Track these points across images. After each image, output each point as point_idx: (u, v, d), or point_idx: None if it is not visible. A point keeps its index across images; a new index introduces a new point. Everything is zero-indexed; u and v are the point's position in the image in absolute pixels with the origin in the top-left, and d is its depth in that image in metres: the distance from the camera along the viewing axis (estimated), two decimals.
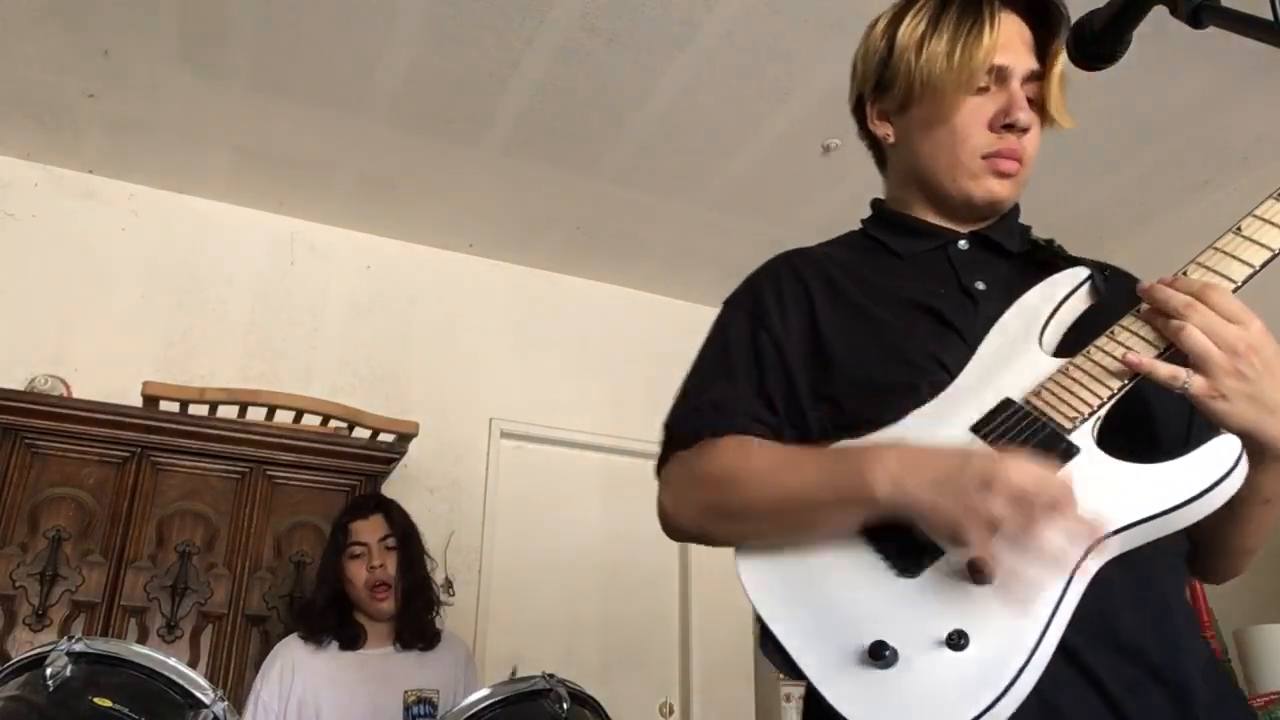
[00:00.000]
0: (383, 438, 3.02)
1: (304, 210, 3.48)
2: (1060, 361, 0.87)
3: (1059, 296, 0.93)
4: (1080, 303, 0.94)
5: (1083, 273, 0.95)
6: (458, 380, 3.59)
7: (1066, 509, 0.73)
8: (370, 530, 2.37)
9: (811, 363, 0.98)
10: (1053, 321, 0.92)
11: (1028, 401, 0.85)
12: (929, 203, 1.07)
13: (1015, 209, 1.08)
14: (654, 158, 3.12)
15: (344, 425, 3.01)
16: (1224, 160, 3.04)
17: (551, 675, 1.81)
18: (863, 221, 1.15)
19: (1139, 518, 0.76)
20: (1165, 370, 0.80)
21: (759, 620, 0.86)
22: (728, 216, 3.44)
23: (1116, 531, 0.76)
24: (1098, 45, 0.89)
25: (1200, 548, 0.94)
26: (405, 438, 3.04)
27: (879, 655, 0.75)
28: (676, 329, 4.03)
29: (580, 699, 1.82)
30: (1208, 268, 0.84)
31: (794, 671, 0.83)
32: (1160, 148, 3.01)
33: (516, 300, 3.81)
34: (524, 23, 2.54)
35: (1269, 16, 0.72)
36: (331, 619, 2.29)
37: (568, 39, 2.60)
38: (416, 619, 2.34)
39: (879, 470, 0.81)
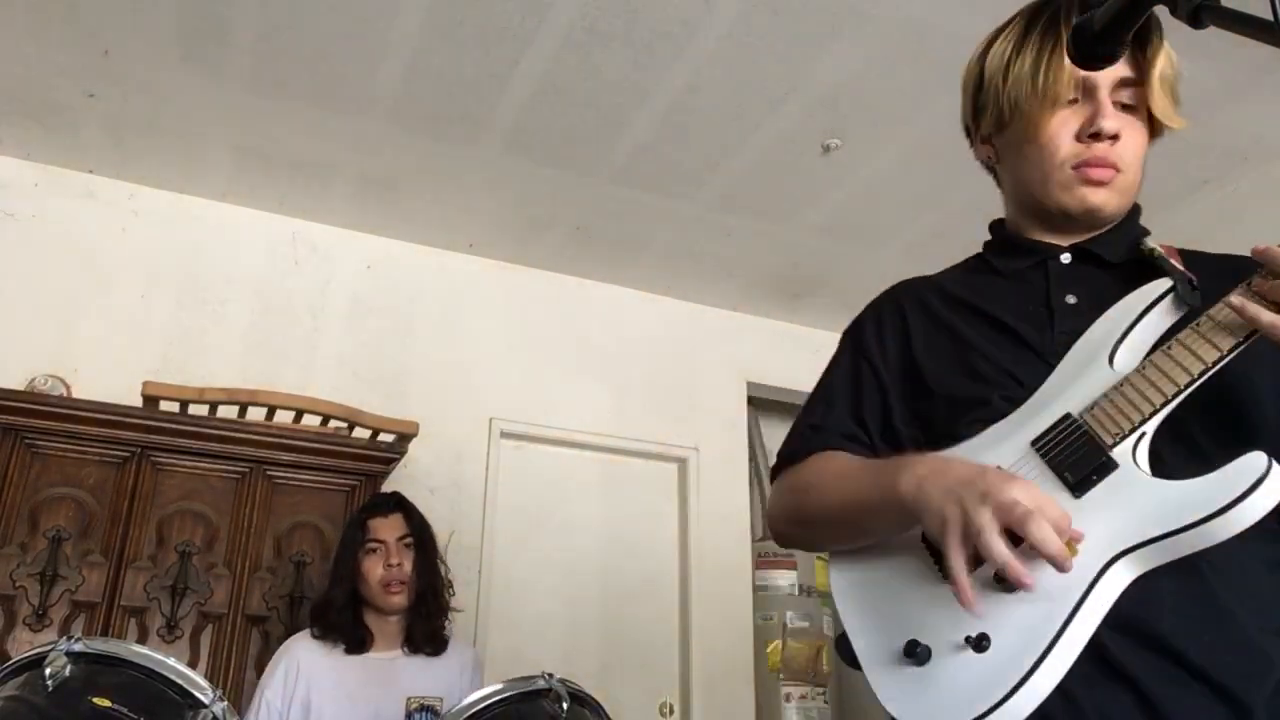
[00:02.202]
0: (383, 438, 3.02)
1: (304, 210, 3.48)
2: (1120, 376, 0.88)
3: (1137, 310, 0.93)
4: (1165, 316, 0.92)
5: (1163, 285, 0.93)
6: (458, 380, 3.59)
7: (1050, 525, 0.77)
8: (389, 529, 2.36)
9: (908, 387, 1.07)
10: (1130, 336, 0.91)
11: (1082, 416, 0.87)
12: (1035, 219, 1.09)
13: (1131, 217, 1.07)
14: (654, 158, 3.11)
15: (344, 425, 3.01)
16: (1224, 160, 3.03)
17: (551, 675, 1.81)
18: (983, 244, 1.18)
19: (1145, 539, 0.77)
20: (1268, 318, 0.79)
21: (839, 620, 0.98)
22: (728, 216, 3.44)
23: (1125, 552, 0.77)
24: (1098, 45, 0.88)
25: None
26: (405, 438, 3.04)
27: (912, 653, 0.84)
28: (676, 329, 4.04)
29: (580, 699, 1.82)
30: None
31: (857, 665, 0.92)
32: (1160, 148, 3.00)
33: (516, 300, 3.81)
34: (524, 23, 2.54)
35: (1269, 16, 0.71)
36: (347, 618, 2.27)
37: (568, 39, 2.59)
38: (427, 622, 2.32)
39: (909, 474, 0.90)
